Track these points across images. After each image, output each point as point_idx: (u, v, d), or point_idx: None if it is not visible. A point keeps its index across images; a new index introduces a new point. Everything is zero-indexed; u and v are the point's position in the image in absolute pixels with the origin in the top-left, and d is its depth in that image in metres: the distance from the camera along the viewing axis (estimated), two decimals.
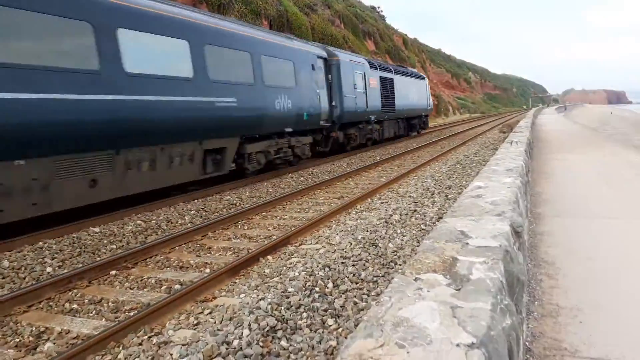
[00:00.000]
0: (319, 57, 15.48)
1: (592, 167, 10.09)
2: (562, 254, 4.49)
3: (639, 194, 7.01)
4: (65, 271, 5.53)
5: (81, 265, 5.74)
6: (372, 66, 20.54)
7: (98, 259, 6.00)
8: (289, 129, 13.11)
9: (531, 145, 12.85)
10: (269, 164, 12.73)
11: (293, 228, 6.93)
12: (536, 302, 3.44)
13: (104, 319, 4.39)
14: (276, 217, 7.99)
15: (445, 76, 71.57)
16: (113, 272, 5.50)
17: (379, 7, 62.01)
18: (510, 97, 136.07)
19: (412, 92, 26.68)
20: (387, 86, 21.64)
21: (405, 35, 64.12)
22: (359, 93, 18.05)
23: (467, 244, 2.66)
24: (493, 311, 1.87)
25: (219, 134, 10.26)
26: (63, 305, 4.74)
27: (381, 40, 49.03)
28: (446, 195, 8.45)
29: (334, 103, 16.13)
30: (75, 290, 5.06)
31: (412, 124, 27.73)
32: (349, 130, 17.86)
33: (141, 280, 5.29)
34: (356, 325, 2.77)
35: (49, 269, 5.64)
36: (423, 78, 32.08)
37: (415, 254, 2.58)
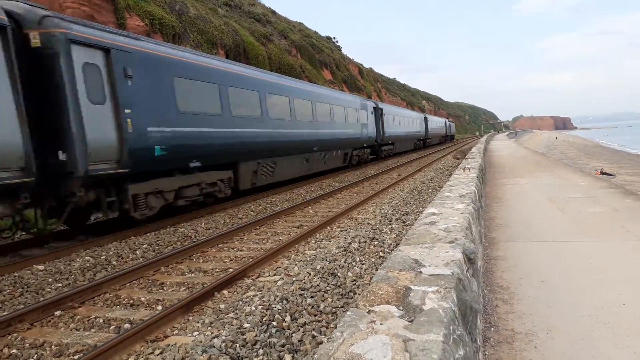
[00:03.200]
0: None
1: (543, 191, 10.43)
2: (517, 279, 4.56)
3: (589, 217, 7.26)
4: (4, 313, 5.17)
5: (23, 306, 5.39)
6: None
7: (42, 299, 5.65)
8: None
9: (484, 171, 13.21)
10: None
11: (250, 260, 6.77)
12: (492, 329, 3.44)
13: None
14: (233, 248, 7.81)
15: (401, 104, 73.42)
16: (57, 313, 5.18)
17: (334, 38, 63.49)
18: (464, 124, 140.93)
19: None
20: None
21: (361, 65, 65.70)
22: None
23: (421, 272, 2.64)
24: (445, 342, 1.83)
25: None
26: (1, 350, 4.41)
27: (337, 69, 50.01)
28: (404, 222, 8.51)
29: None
30: (15, 334, 4.73)
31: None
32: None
33: (88, 321, 4.99)
34: None
35: None
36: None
37: (370, 284, 2.53)
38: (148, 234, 9.01)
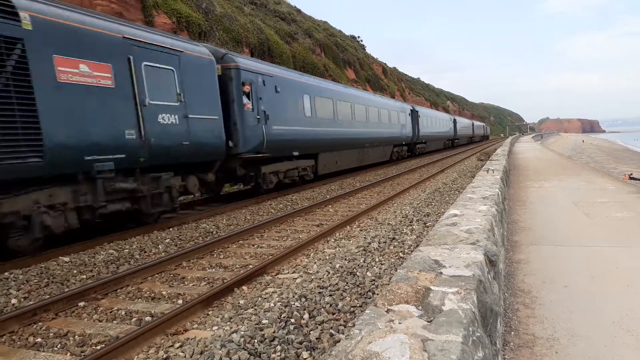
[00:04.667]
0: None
1: (568, 195, 10.23)
2: (539, 283, 4.48)
3: (616, 222, 7.09)
4: (30, 303, 5.32)
5: (48, 296, 5.53)
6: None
7: (66, 289, 5.79)
8: None
9: (508, 173, 13.02)
10: None
11: (270, 257, 6.82)
12: (512, 332, 3.39)
13: (69, 354, 4.20)
14: (253, 245, 7.87)
15: (425, 104, 72.84)
16: (81, 304, 5.30)
17: (359, 37, 63.24)
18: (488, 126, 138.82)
19: None
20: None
21: (385, 64, 65.33)
22: None
23: (441, 273, 2.62)
24: (464, 344, 1.81)
25: None
26: (27, 339, 4.54)
27: (361, 69, 49.83)
28: (424, 223, 8.44)
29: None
30: (40, 323, 4.85)
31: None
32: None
33: (110, 312, 5.10)
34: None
35: (14, 301, 5.42)
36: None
37: (389, 284, 2.52)
38: (171, 229, 9.14)
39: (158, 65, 9.20)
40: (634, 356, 2.97)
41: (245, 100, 12.08)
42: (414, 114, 31.80)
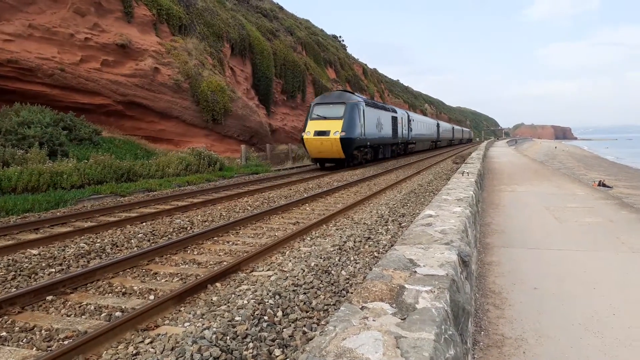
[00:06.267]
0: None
1: (540, 199, 10.45)
2: (509, 284, 4.57)
3: (584, 227, 7.28)
4: None
5: (15, 289, 5.39)
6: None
7: (34, 283, 5.65)
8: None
9: (482, 177, 13.22)
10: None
11: (245, 254, 6.77)
12: (482, 332, 3.45)
13: (34, 348, 4.10)
14: (228, 242, 7.80)
15: (403, 107, 73.46)
16: (49, 298, 5.17)
17: (340, 37, 63.43)
18: None
19: None
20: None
21: (365, 65, 65.67)
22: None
23: (415, 272, 2.64)
24: (437, 341, 1.83)
25: None
26: None
27: (342, 68, 49.97)
28: (400, 224, 8.51)
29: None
30: (5, 317, 4.72)
31: None
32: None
33: (79, 307, 4.99)
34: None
35: None
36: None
37: (364, 281, 2.53)
38: (144, 224, 9.01)
39: (400, 116, 33.46)
40: (599, 357, 3.05)
41: (409, 125, 36.04)
42: (438, 125, 55.88)
